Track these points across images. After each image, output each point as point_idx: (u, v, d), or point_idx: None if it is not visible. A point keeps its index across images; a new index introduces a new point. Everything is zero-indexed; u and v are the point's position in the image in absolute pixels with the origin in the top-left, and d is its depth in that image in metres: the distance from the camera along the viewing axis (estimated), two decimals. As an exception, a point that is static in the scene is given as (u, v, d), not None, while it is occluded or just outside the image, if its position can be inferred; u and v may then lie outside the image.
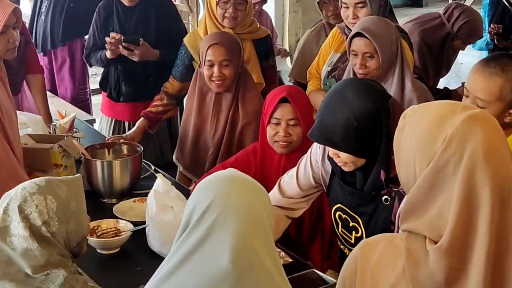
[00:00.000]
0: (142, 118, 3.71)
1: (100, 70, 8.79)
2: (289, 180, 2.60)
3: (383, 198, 2.26)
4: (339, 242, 2.54)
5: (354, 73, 3.09)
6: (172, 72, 3.75)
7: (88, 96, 5.32)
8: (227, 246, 1.46)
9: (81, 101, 5.13)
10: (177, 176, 3.69)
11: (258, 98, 3.39)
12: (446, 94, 4.10)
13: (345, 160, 2.23)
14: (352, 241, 2.41)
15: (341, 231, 2.46)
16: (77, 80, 5.16)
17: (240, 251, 1.46)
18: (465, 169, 1.45)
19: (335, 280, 2.11)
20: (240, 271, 1.45)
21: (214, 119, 3.43)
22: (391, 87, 3.02)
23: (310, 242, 2.91)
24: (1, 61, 2.90)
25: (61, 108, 3.95)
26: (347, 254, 2.44)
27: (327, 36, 3.92)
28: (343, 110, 2.16)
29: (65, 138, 3.22)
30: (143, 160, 3.28)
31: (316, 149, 2.51)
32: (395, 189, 2.23)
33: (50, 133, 3.59)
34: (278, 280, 1.51)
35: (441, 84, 4.67)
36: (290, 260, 2.57)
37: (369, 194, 2.29)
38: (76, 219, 2.00)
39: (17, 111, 3.53)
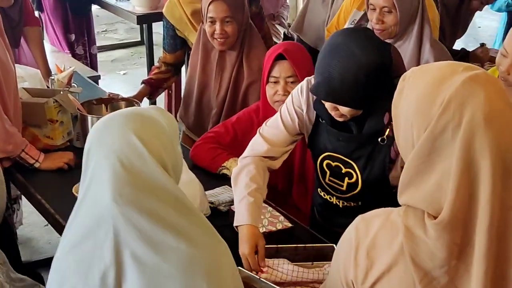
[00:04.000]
0: (143, 85, 3.68)
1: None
2: (270, 129, 2.47)
3: (379, 139, 2.24)
4: (323, 193, 2.49)
5: None
6: (163, 45, 3.71)
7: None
8: (107, 184, 1.45)
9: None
10: (180, 137, 3.61)
11: (263, 55, 3.24)
12: (464, 55, 3.94)
13: (344, 113, 2.19)
14: (344, 188, 2.38)
15: (329, 179, 2.42)
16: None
17: (120, 189, 1.44)
18: (464, 135, 1.33)
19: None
20: (122, 206, 1.43)
21: (218, 77, 3.35)
22: (409, 46, 2.91)
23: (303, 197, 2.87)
24: None
25: (62, 63, 3.83)
26: (334, 202, 2.43)
27: None
28: (352, 68, 2.09)
29: (61, 92, 3.09)
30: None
31: (297, 95, 2.43)
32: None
33: (48, 87, 3.47)
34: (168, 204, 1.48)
35: (458, 46, 4.50)
36: (290, 225, 2.46)
37: (366, 137, 2.27)
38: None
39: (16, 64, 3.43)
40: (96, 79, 4.37)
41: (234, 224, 2.25)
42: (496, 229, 1.33)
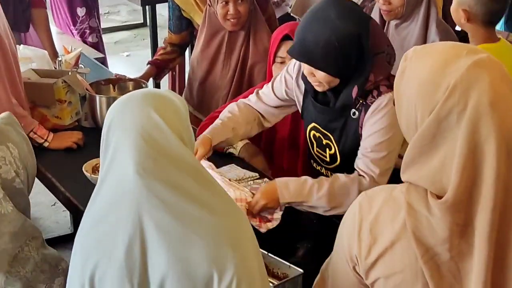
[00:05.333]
0: (149, 66, 3.70)
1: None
2: (265, 90, 2.63)
3: (351, 112, 2.30)
4: (315, 164, 2.58)
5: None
6: (168, 26, 3.71)
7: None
8: (130, 159, 1.47)
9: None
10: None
11: (267, 35, 3.28)
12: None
13: (321, 79, 2.25)
14: (327, 159, 2.47)
15: (316, 150, 2.51)
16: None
17: (143, 162, 1.47)
18: (469, 120, 1.36)
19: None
20: (146, 179, 1.46)
21: (227, 58, 3.36)
22: (415, 27, 2.93)
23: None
24: None
25: (69, 44, 3.85)
26: (324, 173, 2.50)
27: None
28: (325, 30, 2.16)
29: (70, 73, 3.12)
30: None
31: (292, 66, 2.53)
32: (362, 102, 2.27)
33: (55, 68, 3.50)
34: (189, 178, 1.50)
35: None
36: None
37: (338, 110, 2.33)
38: (30, 161, 1.91)
39: (22, 45, 3.47)
40: (102, 60, 4.39)
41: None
42: (499, 211, 1.36)
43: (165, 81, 5.48)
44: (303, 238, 2.34)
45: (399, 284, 1.47)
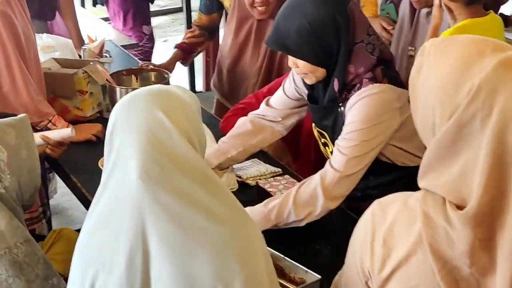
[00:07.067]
0: (176, 49, 3.61)
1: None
2: (276, 95, 2.55)
3: (339, 108, 2.20)
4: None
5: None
6: (199, 7, 3.60)
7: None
8: (133, 163, 1.39)
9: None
10: (214, 105, 3.55)
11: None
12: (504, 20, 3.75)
13: (303, 69, 2.17)
14: (330, 157, 2.32)
15: (322, 148, 2.43)
16: None
17: (147, 166, 1.38)
18: (495, 126, 1.22)
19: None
20: (149, 185, 1.38)
21: (256, 47, 3.27)
22: (447, 15, 2.75)
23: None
24: None
25: (95, 31, 3.78)
26: None
27: None
28: (297, 15, 2.11)
29: (91, 63, 3.04)
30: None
31: None
32: (348, 97, 2.17)
33: (80, 57, 3.43)
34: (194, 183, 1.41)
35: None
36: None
37: (327, 106, 2.24)
38: (29, 168, 1.82)
39: (45, 34, 3.41)
40: (133, 47, 4.32)
41: None
42: None
43: (199, 67, 5.42)
44: (322, 238, 2.23)
45: (414, 300, 1.37)
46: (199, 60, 5.12)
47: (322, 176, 2.15)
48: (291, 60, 2.19)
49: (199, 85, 5.83)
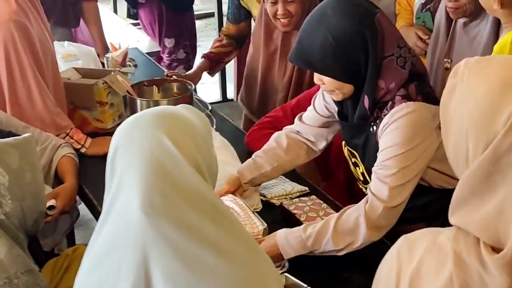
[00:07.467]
0: (203, 59, 3.52)
1: None
2: (308, 112, 2.44)
3: (371, 128, 2.09)
4: (361, 185, 2.36)
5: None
6: (227, 16, 3.51)
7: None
8: (136, 193, 1.28)
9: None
10: (242, 120, 3.42)
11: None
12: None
13: (330, 86, 2.06)
14: (361, 178, 2.27)
15: (352, 168, 2.32)
16: None
17: (150, 197, 1.27)
18: None
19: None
20: (153, 218, 1.27)
21: (283, 59, 3.13)
22: (486, 26, 2.62)
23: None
24: None
25: (120, 38, 3.68)
26: (365, 192, 2.24)
27: None
28: (320, 29, 2.00)
29: (112, 73, 2.93)
30: (197, 97, 2.96)
31: None
32: (381, 115, 2.05)
33: (103, 65, 3.33)
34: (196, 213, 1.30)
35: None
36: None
37: (358, 124, 2.13)
38: (33, 193, 1.70)
39: (67, 42, 3.31)
40: (156, 54, 4.21)
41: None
42: None
43: (231, 76, 5.29)
44: (352, 265, 2.08)
45: None
46: (230, 67, 4.99)
47: (366, 205, 2.02)
48: (316, 76, 2.08)
49: (231, 92, 5.71)
